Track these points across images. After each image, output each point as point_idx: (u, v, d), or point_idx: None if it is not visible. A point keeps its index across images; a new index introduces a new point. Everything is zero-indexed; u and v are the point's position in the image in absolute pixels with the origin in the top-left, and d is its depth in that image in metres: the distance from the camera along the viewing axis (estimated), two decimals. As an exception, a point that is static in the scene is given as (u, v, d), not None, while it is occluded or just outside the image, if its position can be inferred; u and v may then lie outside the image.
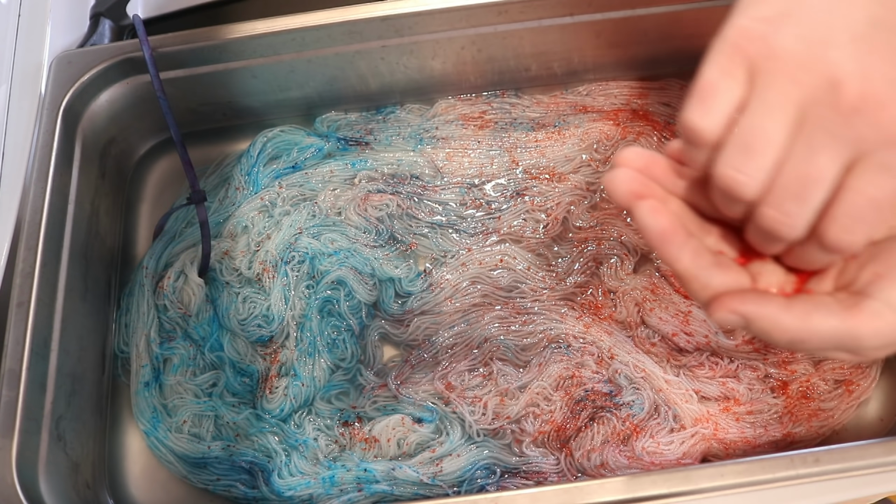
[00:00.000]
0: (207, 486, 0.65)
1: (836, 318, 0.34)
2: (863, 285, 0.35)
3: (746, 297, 0.34)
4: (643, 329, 0.69)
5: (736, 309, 0.34)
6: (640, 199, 0.36)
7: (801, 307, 0.34)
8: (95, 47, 0.75)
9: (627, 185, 0.37)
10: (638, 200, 0.36)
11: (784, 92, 0.32)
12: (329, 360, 0.68)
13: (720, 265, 0.36)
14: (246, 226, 0.74)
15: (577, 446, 0.64)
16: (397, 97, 0.81)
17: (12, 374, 0.59)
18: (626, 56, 0.79)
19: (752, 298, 0.34)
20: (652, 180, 0.38)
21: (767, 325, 0.34)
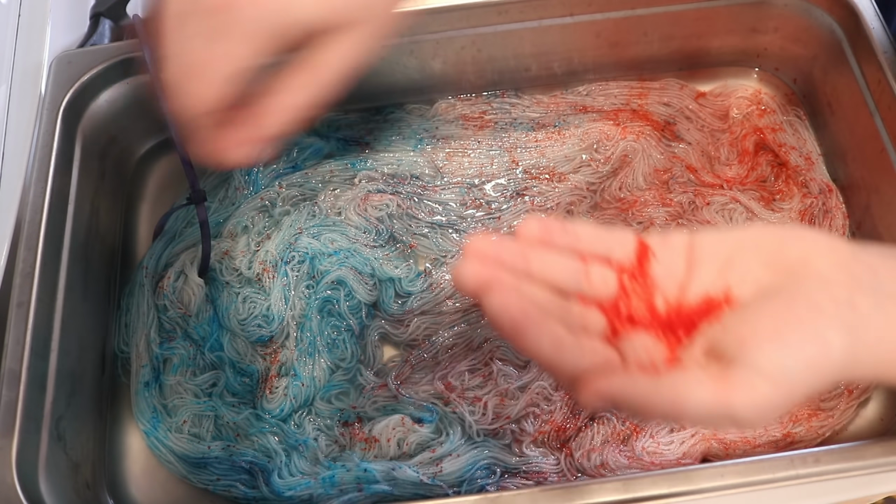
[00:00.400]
0: (207, 486, 0.65)
1: (707, 393, 0.32)
2: (732, 352, 0.33)
3: (612, 379, 0.33)
4: (643, 329, 0.69)
5: (602, 392, 0.32)
6: (489, 290, 0.34)
7: (670, 384, 0.33)
8: (95, 47, 0.75)
9: (473, 273, 0.35)
10: (485, 289, 0.34)
11: None
12: (329, 360, 0.68)
13: (583, 347, 0.35)
14: (246, 226, 0.74)
15: (577, 446, 0.64)
16: (397, 97, 0.81)
17: (12, 374, 0.59)
18: (626, 56, 0.79)
19: (618, 379, 0.33)
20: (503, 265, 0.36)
21: (636, 404, 0.32)
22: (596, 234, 0.38)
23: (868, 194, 0.71)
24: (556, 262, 0.37)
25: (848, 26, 0.71)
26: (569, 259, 0.37)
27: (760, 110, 0.78)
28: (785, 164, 0.76)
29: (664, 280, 0.37)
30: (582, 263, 0.37)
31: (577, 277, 0.37)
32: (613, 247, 0.38)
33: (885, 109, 0.67)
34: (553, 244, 0.37)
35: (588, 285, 0.37)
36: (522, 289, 0.36)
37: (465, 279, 0.35)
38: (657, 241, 0.38)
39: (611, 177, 0.76)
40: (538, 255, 0.37)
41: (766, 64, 0.81)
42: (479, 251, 0.36)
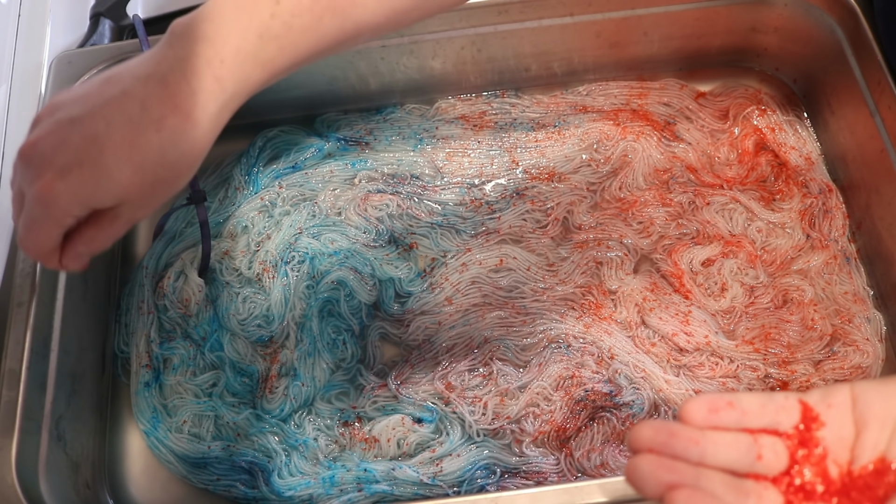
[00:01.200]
0: (207, 486, 0.65)
1: None
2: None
3: None
4: (643, 329, 0.69)
5: None
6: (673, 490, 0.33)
7: None
8: (95, 47, 0.75)
9: (655, 476, 0.34)
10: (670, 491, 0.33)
11: None
12: (329, 360, 0.68)
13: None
14: (246, 226, 0.74)
15: (577, 446, 0.64)
16: (397, 97, 0.81)
17: (12, 374, 0.59)
18: (626, 56, 0.79)
19: None
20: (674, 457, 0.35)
21: None
22: (760, 403, 0.37)
23: (868, 194, 0.71)
24: (728, 445, 0.36)
25: (848, 26, 0.71)
26: (739, 438, 0.36)
27: (760, 110, 0.78)
28: (785, 164, 0.76)
29: (834, 445, 0.36)
30: (752, 440, 0.36)
31: (750, 457, 0.36)
32: (779, 416, 0.37)
33: (885, 109, 0.67)
34: (720, 424, 0.36)
35: (761, 464, 0.36)
36: (702, 482, 0.35)
37: (645, 482, 0.34)
38: (820, 403, 0.37)
39: (611, 177, 0.76)
40: (710, 441, 0.36)
41: (766, 64, 0.81)
42: (649, 444, 0.35)
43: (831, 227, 0.72)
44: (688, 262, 0.71)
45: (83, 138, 0.43)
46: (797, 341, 0.68)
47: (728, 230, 0.72)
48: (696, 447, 0.35)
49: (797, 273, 0.71)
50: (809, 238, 0.72)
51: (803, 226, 0.73)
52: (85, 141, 0.43)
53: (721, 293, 0.70)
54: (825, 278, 0.71)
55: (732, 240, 0.72)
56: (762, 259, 0.71)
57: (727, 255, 0.71)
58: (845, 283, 0.70)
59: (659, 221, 0.73)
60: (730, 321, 0.69)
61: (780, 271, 0.71)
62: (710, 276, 0.71)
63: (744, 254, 0.71)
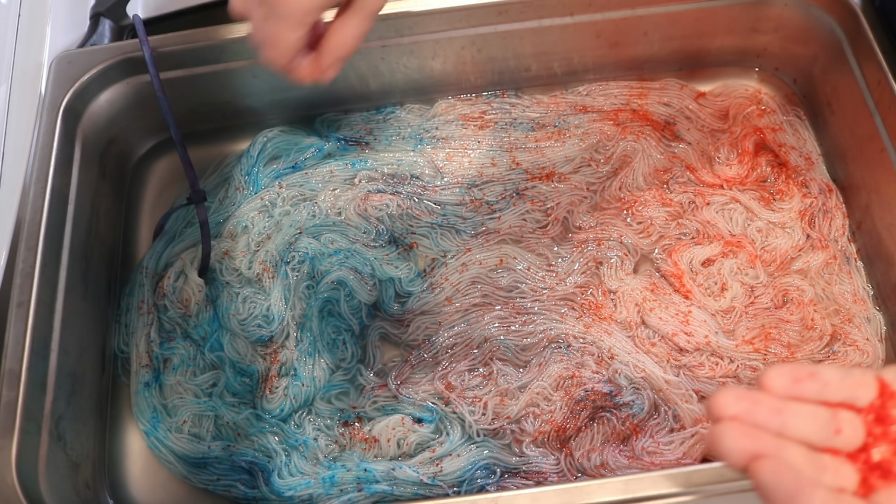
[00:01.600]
0: (207, 486, 0.65)
1: None
2: None
3: None
4: (643, 329, 0.69)
5: None
6: (758, 459, 0.33)
7: None
8: (95, 47, 0.75)
9: (740, 443, 0.33)
10: (756, 460, 0.33)
11: None
12: (329, 360, 0.68)
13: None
14: (246, 226, 0.74)
15: (577, 446, 0.64)
16: (397, 97, 0.81)
17: (12, 374, 0.59)
18: (626, 56, 0.79)
19: None
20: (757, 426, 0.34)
21: None
22: (840, 377, 0.37)
23: (868, 194, 0.71)
24: (808, 417, 0.36)
25: (848, 26, 0.71)
26: (819, 410, 0.36)
27: (760, 110, 0.78)
28: (785, 164, 0.76)
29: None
30: (831, 413, 0.36)
31: (829, 431, 0.36)
32: (857, 391, 0.37)
33: (885, 109, 0.67)
34: (801, 394, 0.36)
35: (839, 438, 0.36)
36: (784, 453, 0.34)
37: (731, 451, 0.33)
38: None
39: (611, 177, 0.76)
40: (791, 411, 0.35)
41: (766, 64, 0.81)
42: (733, 411, 0.34)
43: (831, 226, 0.72)
44: (688, 262, 0.71)
45: None
46: (797, 341, 0.68)
47: (728, 230, 0.72)
48: (778, 417, 0.35)
49: (797, 273, 0.71)
50: (809, 238, 0.72)
51: (803, 226, 0.73)
52: None
53: (721, 293, 0.70)
54: (825, 278, 0.71)
55: (732, 240, 0.72)
56: (762, 259, 0.71)
57: (727, 255, 0.71)
58: (845, 283, 0.70)
59: (659, 221, 0.73)
60: (730, 321, 0.69)
61: (780, 271, 0.71)
62: (710, 276, 0.71)
63: (744, 254, 0.71)
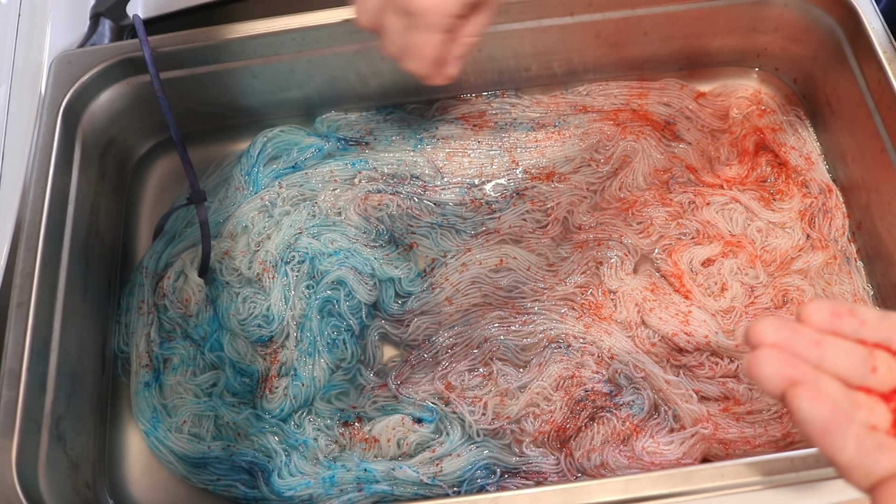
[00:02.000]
0: (207, 486, 0.65)
1: None
2: None
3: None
4: (643, 329, 0.69)
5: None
6: (796, 386, 0.33)
7: None
8: (95, 47, 0.75)
9: (777, 369, 0.33)
10: (793, 387, 0.33)
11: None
12: (329, 360, 0.68)
13: (882, 448, 0.33)
14: (246, 226, 0.74)
15: (577, 446, 0.64)
16: (397, 97, 0.81)
17: (12, 374, 0.59)
18: (626, 56, 0.79)
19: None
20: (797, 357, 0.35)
21: None
22: (878, 317, 0.37)
23: (868, 194, 0.71)
24: (846, 352, 0.36)
25: (848, 26, 0.71)
26: (856, 347, 0.36)
27: (760, 110, 0.78)
28: (785, 164, 0.76)
29: None
30: (868, 351, 0.36)
31: (865, 368, 0.36)
32: (894, 332, 0.37)
33: (885, 109, 0.67)
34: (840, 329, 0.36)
35: (874, 377, 0.36)
36: (821, 383, 0.34)
37: (769, 376, 0.34)
38: None
39: (611, 177, 0.76)
40: (829, 345, 0.35)
41: (766, 64, 0.81)
42: (772, 339, 0.34)
43: (831, 226, 0.72)
44: (688, 262, 0.71)
45: None
46: (797, 341, 0.68)
47: (728, 230, 0.72)
48: (817, 349, 0.35)
49: (797, 273, 0.71)
50: (809, 238, 0.72)
51: (803, 226, 0.73)
52: None
53: (721, 293, 0.70)
54: (825, 278, 0.71)
55: (732, 240, 0.72)
56: (762, 259, 0.71)
57: (727, 255, 0.71)
58: (845, 283, 0.70)
59: (659, 221, 0.73)
60: (730, 321, 0.69)
61: (780, 271, 0.71)
62: (710, 276, 0.71)
63: (744, 254, 0.71)
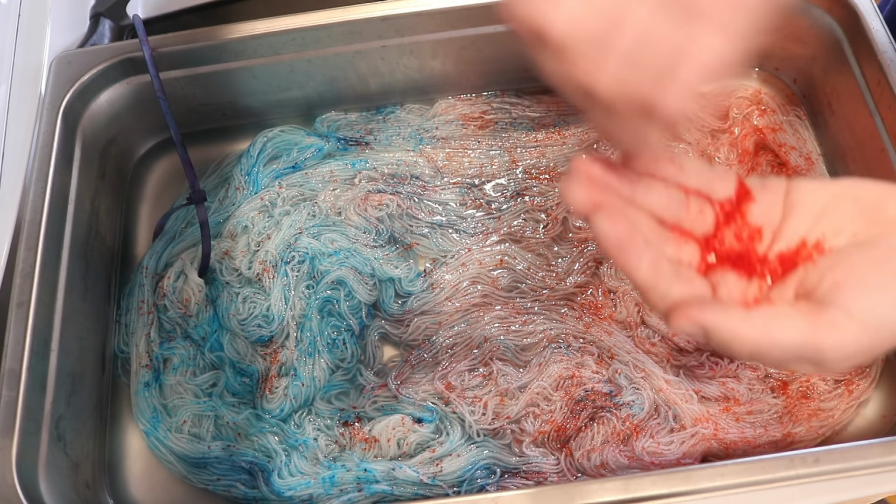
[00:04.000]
0: (207, 486, 0.65)
1: (797, 330, 0.33)
2: (823, 294, 0.34)
3: (706, 308, 0.34)
4: (643, 329, 0.69)
5: (695, 319, 0.33)
6: (598, 209, 0.35)
7: (762, 318, 0.34)
8: (95, 47, 0.75)
9: (584, 194, 0.36)
10: (595, 210, 0.35)
11: None
12: (329, 360, 0.68)
13: (679, 275, 0.36)
14: (246, 226, 0.74)
15: (577, 446, 0.64)
16: (397, 97, 0.81)
17: (12, 374, 0.59)
18: (626, 56, 0.79)
19: (712, 308, 0.34)
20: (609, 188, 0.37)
21: (727, 335, 0.33)
22: (700, 169, 0.39)
23: (868, 194, 0.71)
24: (660, 192, 0.38)
25: (848, 26, 0.71)
26: (672, 190, 0.38)
27: (760, 110, 0.78)
28: (785, 164, 0.76)
29: (759, 221, 0.38)
30: (683, 195, 0.38)
31: (679, 210, 0.38)
32: (715, 184, 0.39)
33: (885, 109, 0.67)
34: (658, 174, 0.38)
35: (688, 219, 0.38)
36: (628, 213, 0.37)
37: (575, 198, 0.36)
38: (756, 184, 0.39)
39: (611, 177, 0.76)
40: (645, 183, 0.38)
41: (766, 64, 0.81)
42: (588, 172, 0.37)
43: (831, 227, 0.72)
44: (688, 262, 0.71)
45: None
46: (797, 341, 0.68)
47: (728, 230, 0.72)
48: (630, 186, 0.37)
49: (797, 273, 0.71)
50: (809, 238, 0.72)
51: (803, 226, 0.73)
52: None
53: (721, 293, 0.70)
54: (825, 278, 0.70)
55: (732, 240, 0.72)
56: (762, 259, 0.71)
57: (727, 255, 0.71)
58: (845, 283, 0.70)
59: (659, 221, 0.73)
60: (730, 321, 0.69)
61: (780, 271, 0.71)
62: (710, 276, 0.71)
63: (744, 254, 0.71)
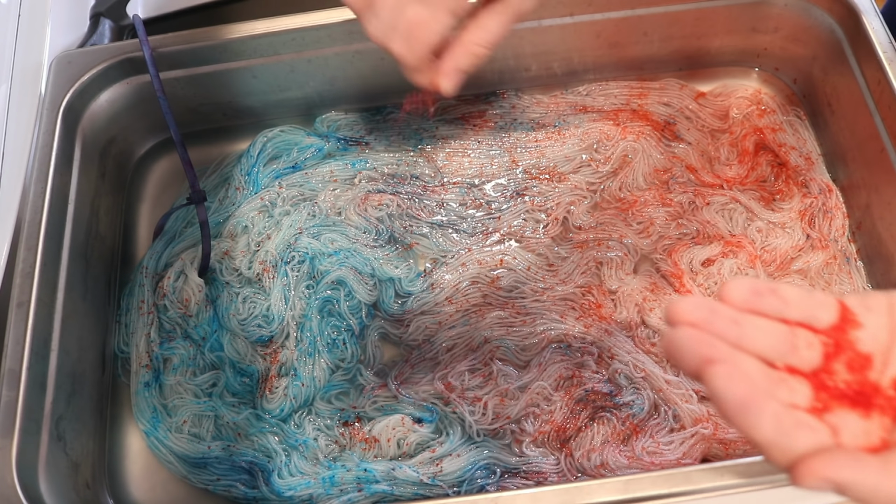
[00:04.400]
0: (207, 486, 0.65)
1: None
2: None
3: (837, 461, 0.31)
4: (643, 329, 0.69)
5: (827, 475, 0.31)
6: (712, 364, 0.32)
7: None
8: (95, 47, 0.75)
9: (693, 348, 0.33)
10: (709, 365, 0.32)
11: None
12: (329, 360, 0.68)
13: (801, 425, 0.33)
14: (246, 226, 0.74)
15: (577, 446, 0.64)
16: (397, 97, 0.81)
17: (12, 374, 0.59)
18: (626, 56, 0.79)
19: (843, 461, 0.31)
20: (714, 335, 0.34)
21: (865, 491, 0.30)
22: (801, 296, 0.37)
23: (868, 194, 0.71)
24: (766, 331, 0.35)
25: (848, 26, 0.71)
26: (777, 326, 0.36)
27: (760, 110, 0.78)
28: (785, 164, 0.76)
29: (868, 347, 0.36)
30: (789, 330, 0.36)
31: (786, 347, 0.35)
32: (817, 312, 0.36)
33: (885, 109, 0.67)
34: (760, 308, 0.36)
35: (795, 356, 0.35)
36: (739, 362, 0.34)
37: (684, 352, 0.33)
38: (858, 305, 0.37)
39: (611, 177, 0.76)
40: (749, 324, 0.35)
41: (766, 64, 0.81)
42: (689, 318, 0.34)
43: (831, 226, 0.72)
44: (688, 262, 0.71)
45: None
46: (797, 341, 0.68)
47: (728, 230, 0.72)
48: (736, 328, 0.35)
49: (797, 273, 0.71)
50: (809, 238, 0.72)
51: (803, 226, 0.73)
52: None
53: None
54: (825, 278, 0.71)
55: (732, 240, 0.72)
56: (762, 259, 0.71)
57: (727, 255, 0.71)
58: (845, 283, 0.70)
59: (659, 221, 0.73)
60: (730, 321, 0.69)
61: (780, 271, 0.71)
62: (710, 276, 0.71)
63: (744, 254, 0.71)
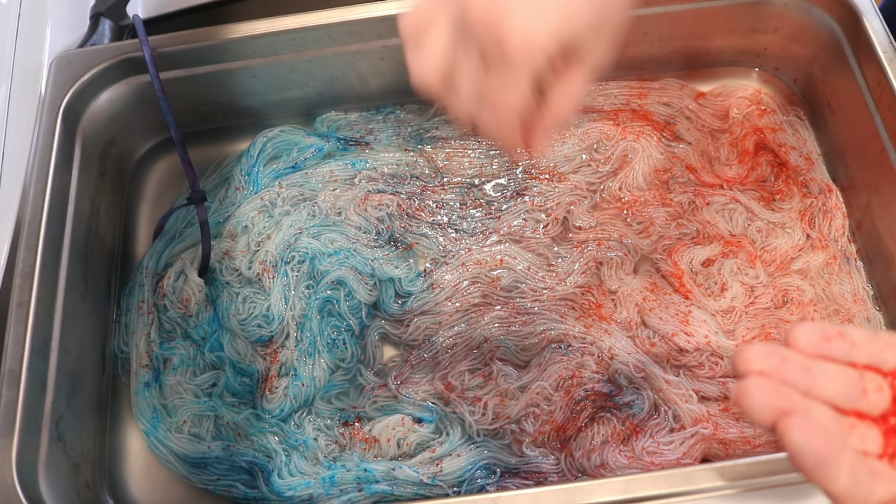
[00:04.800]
0: (207, 486, 0.65)
1: None
2: None
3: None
4: (643, 329, 0.69)
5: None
6: (787, 416, 0.31)
7: None
8: (95, 47, 0.75)
9: (766, 400, 0.32)
10: (785, 418, 0.31)
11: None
12: (329, 360, 0.68)
13: (876, 475, 0.32)
14: (246, 226, 0.74)
15: (577, 446, 0.64)
16: (397, 97, 0.81)
17: (12, 374, 0.59)
18: (626, 56, 0.79)
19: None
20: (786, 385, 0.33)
21: None
22: (868, 338, 0.36)
23: (868, 194, 0.71)
24: (836, 377, 0.35)
25: (848, 26, 0.71)
26: (846, 371, 0.35)
27: (760, 110, 0.78)
28: (785, 164, 0.76)
29: None
30: (858, 374, 0.35)
31: (855, 392, 0.35)
32: (885, 354, 0.36)
33: (885, 109, 0.67)
34: (829, 353, 0.35)
35: (865, 401, 0.35)
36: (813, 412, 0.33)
37: (758, 407, 0.32)
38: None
39: (611, 177, 0.76)
40: (819, 370, 0.34)
41: (766, 64, 0.81)
42: (760, 367, 0.33)
43: (831, 226, 0.72)
44: (688, 262, 0.71)
45: None
46: (797, 341, 0.67)
47: (728, 230, 0.72)
48: (807, 375, 0.34)
49: (797, 273, 0.71)
50: (809, 238, 0.72)
51: (803, 226, 0.73)
52: None
53: (721, 293, 0.70)
54: (825, 278, 0.71)
55: (732, 240, 0.72)
56: (762, 259, 0.71)
57: (727, 255, 0.71)
58: (845, 283, 0.70)
59: (659, 221, 0.73)
60: (730, 321, 0.69)
61: (779, 271, 0.71)
62: (710, 275, 0.71)
63: (744, 254, 0.71)
